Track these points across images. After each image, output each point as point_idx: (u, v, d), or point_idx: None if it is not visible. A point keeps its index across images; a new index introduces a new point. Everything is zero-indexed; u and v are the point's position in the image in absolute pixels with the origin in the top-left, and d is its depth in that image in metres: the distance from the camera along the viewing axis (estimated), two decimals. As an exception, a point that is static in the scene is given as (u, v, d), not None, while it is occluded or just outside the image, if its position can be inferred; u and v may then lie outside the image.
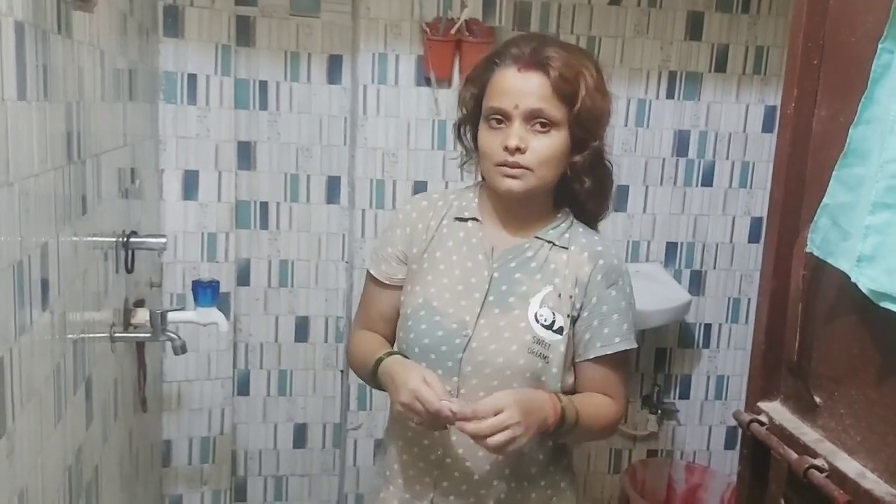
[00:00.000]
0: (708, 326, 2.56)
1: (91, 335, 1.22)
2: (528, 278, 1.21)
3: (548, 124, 1.16)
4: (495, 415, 1.07)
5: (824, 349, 1.14)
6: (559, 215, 1.26)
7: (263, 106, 2.19)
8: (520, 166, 1.16)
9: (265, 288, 2.30)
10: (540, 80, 1.15)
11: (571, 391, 1.24)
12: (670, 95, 2.37)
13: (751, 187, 2.47)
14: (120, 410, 1.48)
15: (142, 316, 1.54)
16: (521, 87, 1.15)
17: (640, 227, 2.44)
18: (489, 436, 1.06)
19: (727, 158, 2.44)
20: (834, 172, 1.04)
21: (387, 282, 1.31)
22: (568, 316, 1.20)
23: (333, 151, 2.25)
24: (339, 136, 2.25)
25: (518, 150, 1.15)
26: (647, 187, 2.42)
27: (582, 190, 1.22)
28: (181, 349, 1.55)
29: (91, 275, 1.21)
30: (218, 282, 1.76)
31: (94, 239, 1.24)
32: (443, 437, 1.22)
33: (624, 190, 2.41)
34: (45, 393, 0.95)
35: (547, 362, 1.19)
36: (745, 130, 2.43)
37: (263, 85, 2.18)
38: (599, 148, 1.21)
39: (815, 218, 1.08)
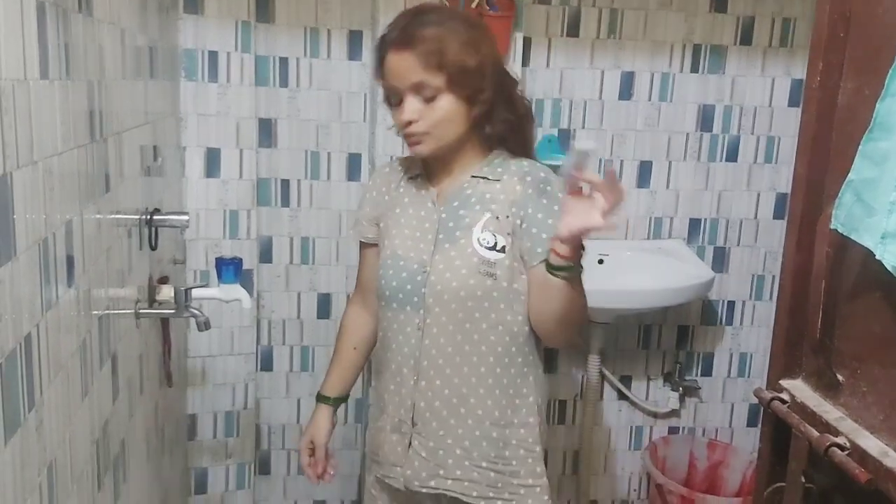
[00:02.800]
0: (731, 303, 2.54)
1: (116, 311, 1.24)
2: (470, 211, 1.38)
3: (432, 91, 1.30)
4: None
5: (847, 327, 1.13)
6: (491, 155, 1.41)
7: (283, 83, 2.20)
8: (418, 133, 1.34)
9: (287, 265, 2.31)
10: (410, 57, 1.30)
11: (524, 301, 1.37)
12: (694, 69, 2.34)
13: (776, 162, 2.43)
14: (145, 385, 1.51)
15: (166, 292, 1.55)
16: (397, 67, 1.32)
17: (662, 203, 2.42)
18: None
19: (752, 133, 2.40)
20: (860, 147, 1.02)
21: (367, 242, 1.54)
22: (509, 234, 1.35)
23: (353, 128, 2.25)
24: (358, 112, 2.25)
25: (410, 122, 1.33)
26: (670, 163, 2.40)
27: (495, 132, 1.37)
28: (205, 325, 1.57)
29: (115, 252, 1.23)
30: (241, 259, 1.77)
31: (118, 216, 1.25)
32: (408, 376, 1.42)
33: (647, 165, 2.39)
34: (72, 368, 0.97)
35: (495, 279, 1.34)
36: (770, 104, 2.39)
37: (283, 61, 2.18)
38: (491, 97, 1.33)
39: (840, 194, 1.06)
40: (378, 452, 1.50)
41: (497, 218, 1.36)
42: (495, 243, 1.35)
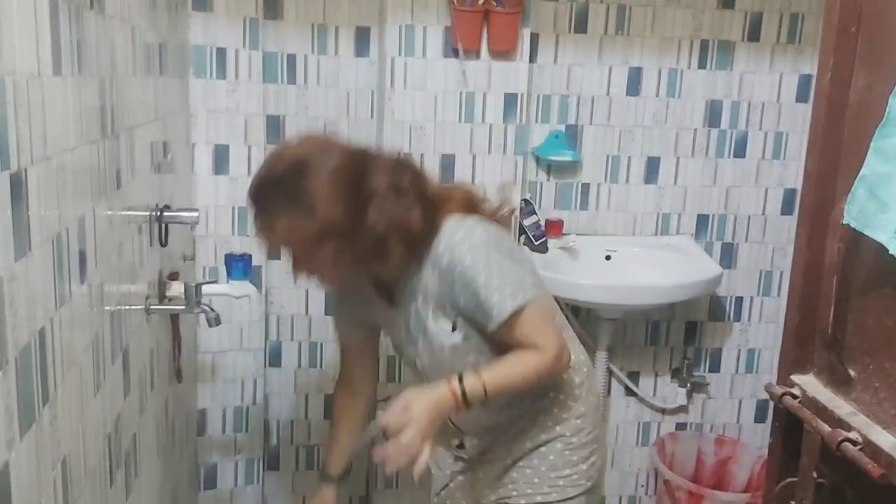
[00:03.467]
0: (739, 300, 2.53)
1: (127, 307, 1.24)
2: (421, 308, 1.41)
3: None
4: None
5: (859, 322, 1.12)
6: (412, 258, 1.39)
7: (292, 80, 2.20)
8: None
9: (295, 261, 2.31)
10: (266, 241, 1.35)
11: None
12: (702, 65, 2.33)
13: (784, 158, 2.42)
14: (156, 380, 1.51)
15: (176, 288, 1.56)
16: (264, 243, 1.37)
17: (670, 199, 2.42)
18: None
19: (760, 129, 2.40)
20: (872, 143, 1.02)
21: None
22: (453, 311, 1.37)
23: (361, 125, 2.25)
24: (366, 109, 2.25)
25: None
26: (677, 159, 2.39)
27: (392, 257, 1.33)
28: (215, 321, 1.57)
29: (126, 248, 1.23)
30: (250, 255, 1.78)
31: (129, 213, 1.26)
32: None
33: (654, 162, 2.38)
34: (85, 363, 0.98)
35: (469, 341, 1.39)
36: (778, 100, 2.38)
37: (291, 58, 2.18)
38: (345, 246, 1.30)
39: (852, 189, 1.06)
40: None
41: (436, 304, 1.39)
42: (451, 324, 1.39)
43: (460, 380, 1.31)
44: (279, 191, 1.28)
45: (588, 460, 1.51)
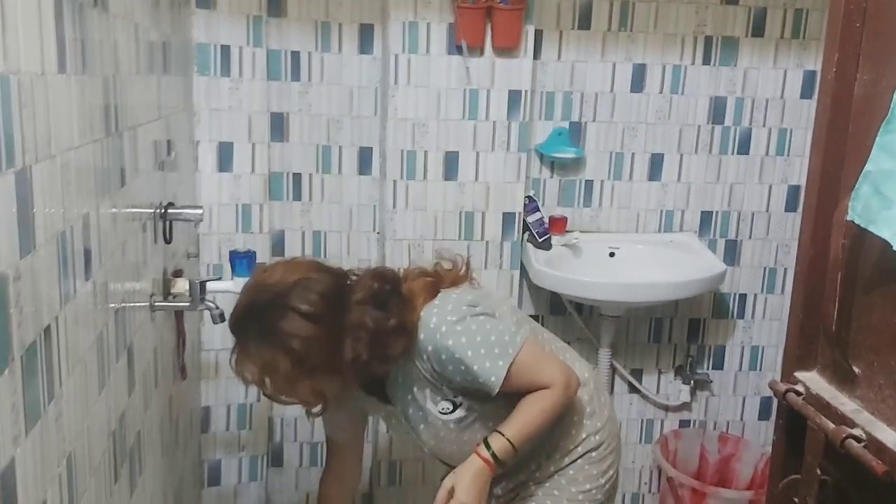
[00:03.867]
0: (743, 297, 2.53)
1: (131, 304, 1.24)
2: (418, 395, 1.44)
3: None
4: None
5: (863, 318, 1.12)
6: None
7: (295, 77, 2.20)
8: None
9: (299, 258, 2.32)
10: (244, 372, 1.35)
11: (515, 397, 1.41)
12: (706, 61, 2.33)
13: (788, 155, 2.42)
14: (160, 378, 1.52)
15: (181, 286, 1.56)
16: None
17: (674, 196, 2.42)
18: None
19: (764, 125, 2.39)
20: (877, 139, 1.02)
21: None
22: (451, 391, 1.41)
23: (364, 122, 2.25)
24: (369, 106, 2.25)
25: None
26: (681, 155, 2.39)
27: (376, 373, 1.41)
28: (219, 318, 1.57)
29: (130, 246, 1.23)
30: (254, 252, 1.78)
31: (133, 210, 1.26)
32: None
33: (658, 158, 2.38)
34: (90, 360, 0.98)
35: (475, 413, 1.43)
36: (782, 96, 2.37)
37: (295, 56, 2.18)
38: (315, 367, 1.32)
39: (857, 185, 1.05)
40: None
41: (433, 387, 1.42)
42: (451, 405, 1.43)
43: (487, 445, 1.36)
44: (258, 324, 1.32)
45: (606, 474, 1.54)
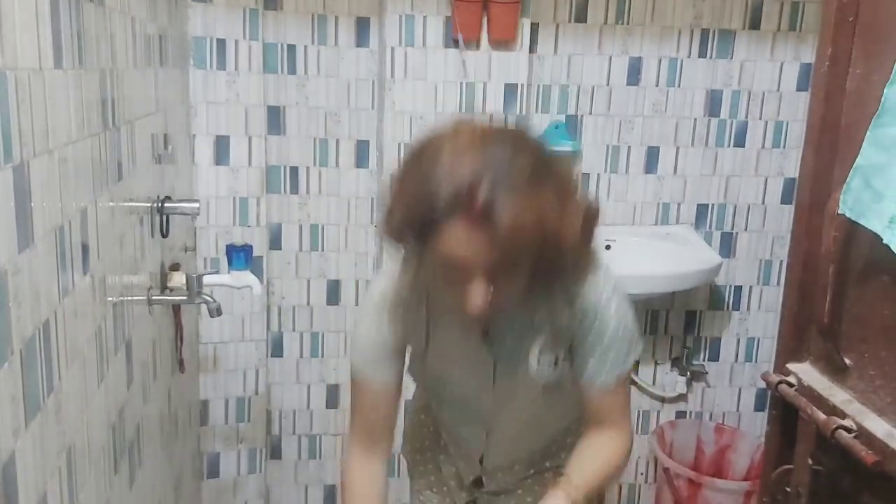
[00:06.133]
0: (739, 289, 2.54)
1: (129, 298, 1.25)
2: (525, 339, 1.19)
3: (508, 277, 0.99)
4: None
5: (855, 310, 1.13)
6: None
7: (292, 70, 2.20)
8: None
9: (296, 252, 2.33)
10: (488, 240, 0.92)
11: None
12: (702, 54, 2.33)
13: (784, 147, 2.42)
14: (159, 371, 1.53)
15: (178, 279, 1.57)
16: (470, 250, 0.94)
17: (670, 188, 2.42)
18: None
19: (760, 118, 2.40)
20: (868, 133, 1.03)
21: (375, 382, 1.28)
22: (563, 349, 1.19)
23: (361, 115, 2.26)
24: (366, 99, 2.25)
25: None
26: (677, 148, 2.39)
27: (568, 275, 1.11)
28: (216, 311, 1.58)
29: (128, 239, 1.24)
30: (251, 246, 1.79)
31: (130, 204, 1.26)
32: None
33: (654, 151, 2.39)
34: (88, 353, 0.99)
35: (561, 388, 1.22)
36: (779, 89, 2.38)
37: (291, 49, 2.18)
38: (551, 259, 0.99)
39: (848, 179, 1.06)
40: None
41: (552, 339, 1.19)
42: (554, 361, 1.19)
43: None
44: (551, 190, 0.95)
45: None
